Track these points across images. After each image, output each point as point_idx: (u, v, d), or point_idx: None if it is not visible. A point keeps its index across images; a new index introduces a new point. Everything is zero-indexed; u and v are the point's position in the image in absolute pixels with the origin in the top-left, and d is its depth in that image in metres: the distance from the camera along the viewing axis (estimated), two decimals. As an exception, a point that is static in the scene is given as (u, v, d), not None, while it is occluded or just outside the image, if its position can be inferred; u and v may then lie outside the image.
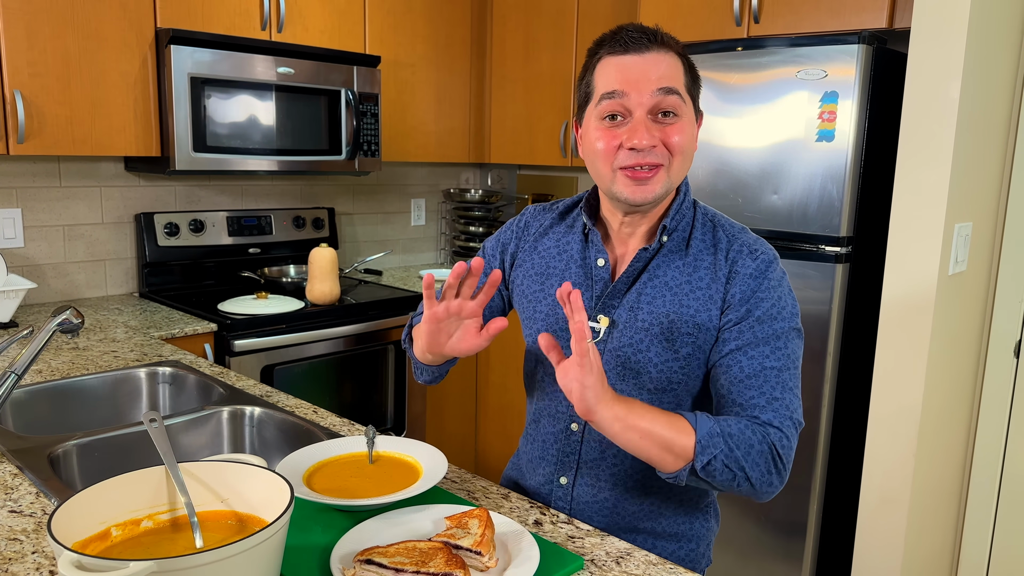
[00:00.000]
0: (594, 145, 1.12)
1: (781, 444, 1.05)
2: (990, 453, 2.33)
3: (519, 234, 1.32)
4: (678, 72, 1.10)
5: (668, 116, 1.09)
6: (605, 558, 1.04)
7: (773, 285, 1.12)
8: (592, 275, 1.21)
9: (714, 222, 1.19)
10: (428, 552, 0.95)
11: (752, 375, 1.08)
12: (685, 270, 1.15)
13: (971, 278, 2.16)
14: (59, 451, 1.36)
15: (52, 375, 1.77)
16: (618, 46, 1.09)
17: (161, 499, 0.96)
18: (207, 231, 2.86)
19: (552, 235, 1.28)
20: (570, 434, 1.24)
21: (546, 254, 1.27)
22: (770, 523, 2.32)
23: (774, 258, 1.15)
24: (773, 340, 1.09)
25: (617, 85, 1.08)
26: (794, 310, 1.13)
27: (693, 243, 1.17)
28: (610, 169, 1.11)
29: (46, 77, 2.22)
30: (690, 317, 1.13)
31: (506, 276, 1.33)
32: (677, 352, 1.14)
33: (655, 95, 1.08)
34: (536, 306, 1.26)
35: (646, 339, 1.15)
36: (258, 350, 2.43)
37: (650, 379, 1.16)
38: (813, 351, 2.19)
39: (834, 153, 2.10)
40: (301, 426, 1.50)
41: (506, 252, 1.33)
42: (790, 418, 1.07)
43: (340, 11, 2.86)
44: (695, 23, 2.52)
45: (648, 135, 1.07)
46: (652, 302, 1.15)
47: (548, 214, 1.32)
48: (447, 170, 3.79)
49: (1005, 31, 2.06)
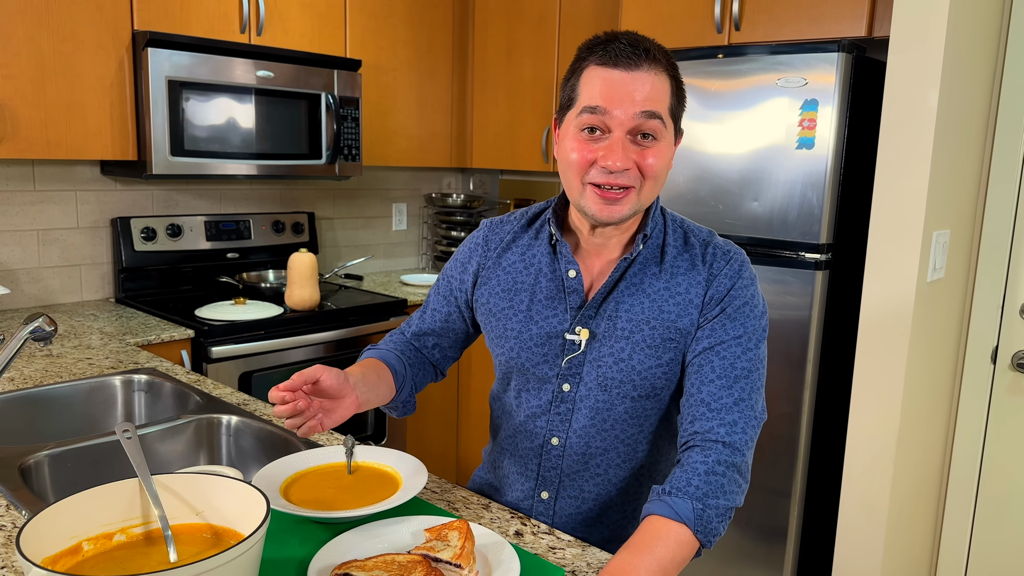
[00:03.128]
0: (569, 155, 1.10)
1: (741, 459, 1.06)
2: (968, 458, 2.35)
3: (480, 251, 1.29)
4: (664, 94, 1.08)
5: (647, 138, 1.08)
6: (586, 569, 1.04)
7: (746, 284, 1.14)
8: (564, 287, 1.19)
9: (684, 228, 1.20)
10: (407, 565, 0.93)
11: (722, 375, 1.09)
12: (663, 276, 1.15)
13: (949, 285, 2.18)
14: (31, 461, 1.33)
15: (24, 383, 1.74)
16: (607, 58, 1.06)
17: (135, 512, 0.94)
18: (184, 236, 2.83)
19: (516, 248, 1.25)
20: (550, 449, 1.22)
21: (512, 269, 1.24)
22: (751, 528, 2.33)
23: (745, 259, 1.17)
24: (744, 340, 1.11)
25: (600, 101, 1.06)
26: (764, 309, 1.16)
27: (667, 250, 1.17)
28: (580, 182, 1.10)
29: (20, 79, 2.19)
30: (671, 323, 1.13)
31: (469, 297, 1.30)
32: (660, 358, 1.14)
33: (637, 117, 1.06)
34: (506, 323, 1.23)
35: (627, 348, 1.14)
36: (236, 357, 2.40)
37: (634, 387, 1.15)
38: (793, 357, 2.20)
39: (814, 160, 2.11)
40: (279, 435, 1.48)
41: (467, 271, 1.29)
42: (755, 417, 1.09)
43: (320, 15, 2.84)
44: (676, 30, 2.53)
45: (623, 157, 1.06)
46: (631, 311, 1.15)
47: (508, 226, 1.28)
48: (429, 175, 3.77)
49: (982, 41, 2.09)
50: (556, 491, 1.23)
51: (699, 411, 1.08)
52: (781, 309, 2.21)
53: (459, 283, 1.30)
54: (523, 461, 1.26)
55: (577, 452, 1.20)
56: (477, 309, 1.29)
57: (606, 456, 1.20)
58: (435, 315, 1.33)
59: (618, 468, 1.21)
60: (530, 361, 1.21)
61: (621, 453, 1.20)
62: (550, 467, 1.23)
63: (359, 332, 2.72)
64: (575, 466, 1.21)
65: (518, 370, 1.23)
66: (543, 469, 1.23)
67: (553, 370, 1.19)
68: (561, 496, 1.23)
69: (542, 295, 1.20)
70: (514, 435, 1.27)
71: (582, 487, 1.22)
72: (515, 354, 1.22)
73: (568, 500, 1.23)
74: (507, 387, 1.27)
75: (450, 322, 1.32)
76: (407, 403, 1.29)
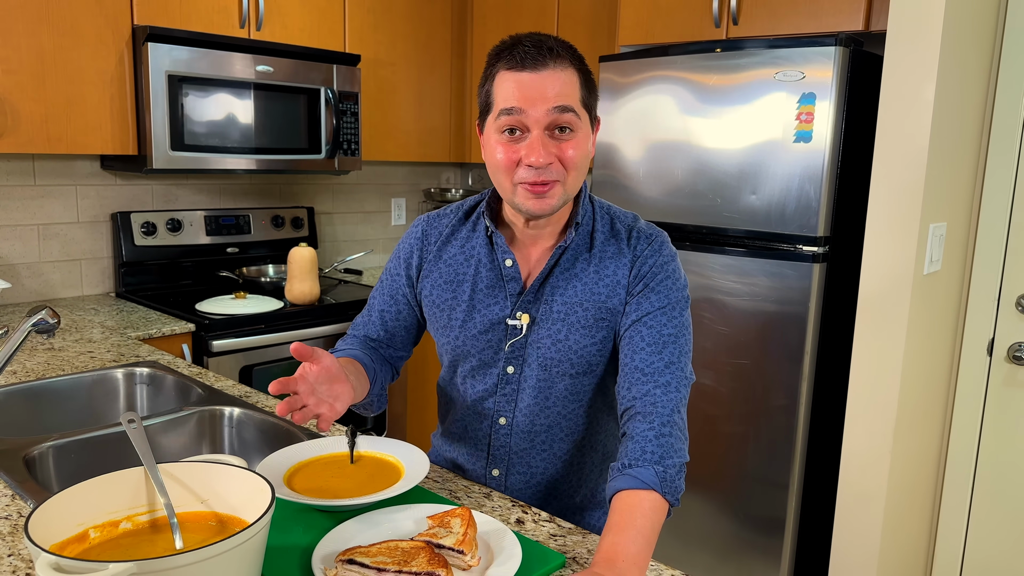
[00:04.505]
0: (495, 157, 1.16)
1: (680, 417, 1.13)
2: (964, 450, 2.37)
3: (419, 246, 1.33)
4: (573, 88, 1.14)
5: (564, 132, 1.14)
6: (587, 555, 1.05)
7: (666, 260, 1.22)
8: (503, 275, 1.25)
9: (610, 215, 1.28)
10: (410, 551, 0.95)
11: (652, 343, 1.16)
12: (592, 261, 1.23)
13: (945, 277, 2.19)
14: (35, 453, 1.34)
15: (27, 376, 1.75)
16: (515, 62, 1.12)
17: (140, 500, 0.95)
18: (184, 230, 2.83)
19: (456, 241, 1.31)
20: (499, 428, 1.29)
21: (452, 261, 1.30)
22: (748, 520, 2.34)
23: (665, 238, 1.26)
24: (669, 310, 1.19)
25: (515, 102, 1.12)
26: (684, 282, 1.24)
27: (596, 236, 1.25)
28: (511, 183, 1.16)
29: (20, 74, 2.19)
30: (602, 303, 1.21)
31: (415, 289, 1.34)
32: (594, 337, 1.22)
33: (551, 113, 1.11)
34: (450, 313, 1.28)
35: (563, 329, 1.22)
36: (236, 350, 2.41)
37: (571, 365, 1.23)
38: (791, 349, 2.21)
39: (812, 154, 2.12)
40: (281, 427, 1.49)
41: (410, 267, 1.33)
42: (685, 378, 1.16)
43: (320, 9, 2.84)
44: (675, 24, 2.53)
45: (544, 152, 1.12)
46: (565, 294, 1.22)
47: (445, 219, 1.34)
48: (428, 169, 3.78)
49: (978, 35, 2.10)
50: (506, 468, 1.31)
51: (634, 377, 1.15)
52: (779, 302, 2.22)
53: (404, 279, 1.34)
54: (473, 442, 1.33)
55: (523, 430, 1.28)
56: (423, 301, 1.33)
57: (550, 432, 1.28)
58: (383, 315, 1.36)
59: (561, 442, 1.29)
60: (475, 348, 1.27)
61: (564, 428, 1.28)
62: (499, 446, 1.30)
63: (359, 326, 2.73)
64: (522, 443, 1.29)
65: (464, 357, 1.29)
66: (493, 448, 1.30)
67: (498, 355, 1.26)
68: (511, 473, 1.31)
69: (483, 284, 1.26)
70: (464, 418, 1.34)
71: (530, 463, 1.30)
72: (461, 342, 1.28)
73: (518, 476, 1.31)
74: (454, 374, 1.34)
75: (399, 320, 1.36)
76: (381, 396, 1.33)
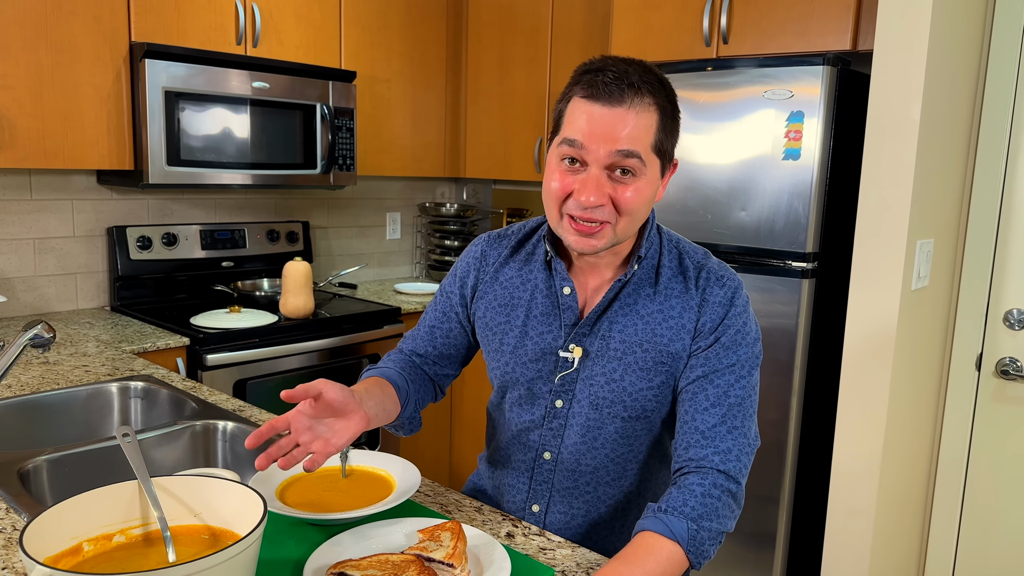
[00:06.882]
0: (550, 182, 1.10)
1: (737, 487, 1.08)
2: (953, 464, 2.38)
3: (477, 265, 1.30)
4: (647, 132, 1.06)
5: (625, 174, 1.07)
6: (576, 569, 1.06)
7: (739, 312, 1.14)
8: (560, 304, 1.20)
9: (679, 248, 1.21)
10: (401, 565, 0.96)
11: (716, 403, 1.10)
12: (656, 299, 1.16)
13: (933, 293, 2.21)
14: (29, 466, 1.35)
15: (22, 390, 1.76)
16: (592, 90, 1.05)
17: (134, 514, 0.96)
18: (180, 244, 2.85)
19: (513, 264, 1.26)
20: (543, 463, 1.24)
21: (508, 284, 1.25)
22: (740, 534, 2.35)
23: (739, 285, 1.17)
24: (738, 368, 1.12)
25: (580, 136, 1.05)
26: (757, 335, 1.16)
27: (662, 272, 1.18)
28: (558, 212, 1.10)
29: (18, 90, 2.21)
30: (664, 346, 1.14)
31: (468, 310, 1.31)
32: (651, 381, 1.15)
33: (613, 155, 1.05)
34: (503, 337, 1.24)
35: (619, 368, 1.16)
36: (231, 364, 2.42)
37: (624, 407, 1.17)
38: (781, 364, 2.23)
39: (800, 171, 2.15)
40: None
41: (465, 286, 1.30)
42: (748, 445, 1.11)
43: (316, 27, 2.87)
44: (666, 43, 2.57)
45: (598, 193, 1.05)
46: (624, 331, 1.16)
47: (505, 241, 1.29)
48: (422, 184, 3.80)
49: (964, 53, 2.13)
50: (546, 505, 1.25)
51: (693, 438, 1.10)
52: (768, 317, 2.24)
53: (459, 298, 1.31)
54: (516, 473, 1.28)
55: (568, 468, 1.22)
56: (475, 323, 1.30)
57: (596, 474, 1.22)
58: (433, 332, 1.33)
59: (607, 487, 1.23)
60: (524, 376, 1.22)
61: (610, 472, 1.22)
62: (541, 481, 1.25)
63: (353, 340, 2.74)
64: (566, 482, 1.23)
65: (513, 384, 1.25)
66: (535, 482, 1.25)
67: (547, 386, 1.21)
68: (551, 511, 1.25)
69: (538, 311, 1.21)
70: (508, 446, 1.29)
71: (571, 503, 1.24)
72: (510, 368, 1.24)
73: (557, 515, 1.25)
74: (502, 399, 1.29)
75: (450, 338, 1.33)
76: (412, 419, 1.28)
